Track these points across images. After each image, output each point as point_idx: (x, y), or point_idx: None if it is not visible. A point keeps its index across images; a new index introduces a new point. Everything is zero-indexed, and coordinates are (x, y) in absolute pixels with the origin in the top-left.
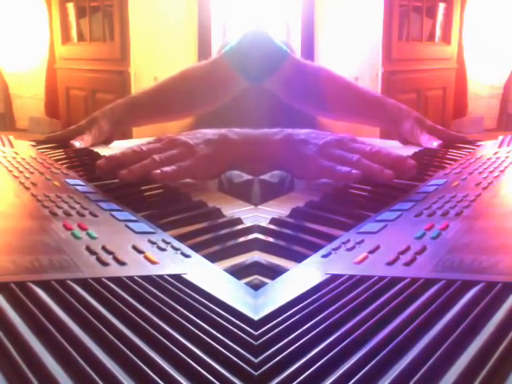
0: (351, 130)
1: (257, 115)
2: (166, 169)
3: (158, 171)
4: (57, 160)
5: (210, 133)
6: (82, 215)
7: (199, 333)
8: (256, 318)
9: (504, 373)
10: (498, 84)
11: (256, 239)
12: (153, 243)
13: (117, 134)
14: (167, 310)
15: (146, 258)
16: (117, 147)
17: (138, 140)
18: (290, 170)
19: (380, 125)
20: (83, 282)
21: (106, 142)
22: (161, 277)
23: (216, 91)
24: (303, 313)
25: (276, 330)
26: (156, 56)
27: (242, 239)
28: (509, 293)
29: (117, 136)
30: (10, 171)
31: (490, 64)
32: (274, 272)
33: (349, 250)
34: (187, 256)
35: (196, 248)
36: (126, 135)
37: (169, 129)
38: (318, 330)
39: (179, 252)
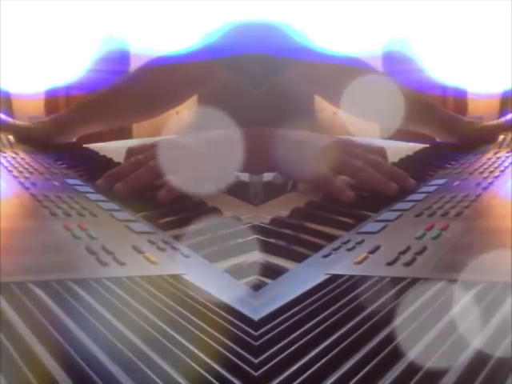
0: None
1: (258, 115)
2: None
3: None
4: (56, 160)
5: (213, 133)
6: (82, 215)
7: (199, 333)
8: (256, 318)
9: (504, 373)
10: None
11: (256, 239)
12: (153, 243)
13: (62, 134)
14: (167, 310)
15: (146, 258)
16: (117, 147)
17: (137, 140)
18: (285, 171)
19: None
20: (83, 282)
21: (48, 139)
22: (161, 277)
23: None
24: (303, 313)
25: (276, 331)
26: None
27: (241, 239)
28: (509, 293)
29: (63, 138)
30: (10, 171)
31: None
32: (274, 272)
33: (349, 250)
34: (187, 256)
35: (196, 248)
36: (126, 135)
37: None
38: (318, 330)
39: (179, 252)
